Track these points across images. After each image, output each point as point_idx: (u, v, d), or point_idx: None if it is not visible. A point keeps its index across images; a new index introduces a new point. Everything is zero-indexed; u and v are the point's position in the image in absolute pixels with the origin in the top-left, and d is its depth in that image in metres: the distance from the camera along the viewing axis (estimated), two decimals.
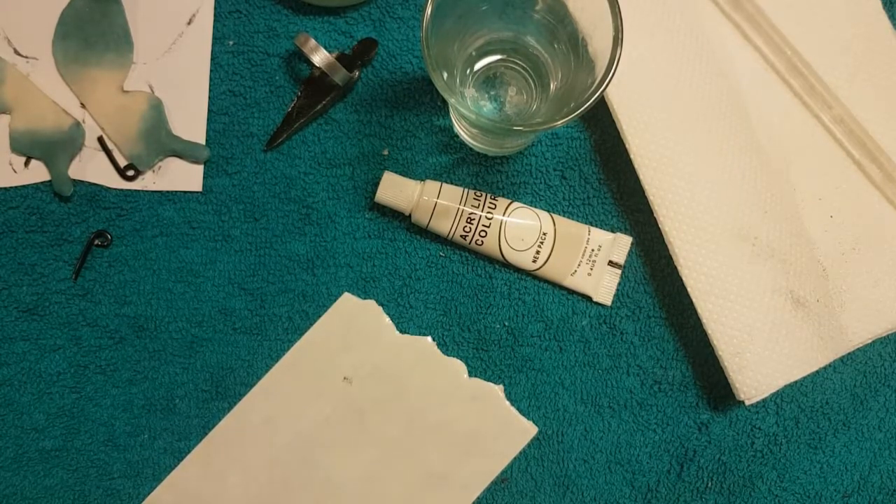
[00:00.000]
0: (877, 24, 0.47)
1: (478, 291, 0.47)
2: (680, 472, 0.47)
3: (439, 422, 0.46)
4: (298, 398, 0.46)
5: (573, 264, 0.46)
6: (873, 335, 0.45)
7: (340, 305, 0.46)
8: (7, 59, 0.47)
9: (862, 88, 0.46)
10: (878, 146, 0.45)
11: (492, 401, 0.46)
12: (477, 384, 0.46)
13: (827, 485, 0.47)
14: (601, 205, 0.47)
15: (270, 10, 0.47)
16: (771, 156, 0.45)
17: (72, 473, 0.46)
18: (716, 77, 0.44)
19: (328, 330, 0.46)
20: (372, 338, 0.46)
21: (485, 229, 0.45)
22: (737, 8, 0.46)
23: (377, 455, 0.46)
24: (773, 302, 0.43)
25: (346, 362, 0.46)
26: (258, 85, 0.47)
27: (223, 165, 0.47)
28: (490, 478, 0.46)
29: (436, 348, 0.46)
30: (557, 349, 0.47)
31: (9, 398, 0.46)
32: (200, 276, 0.47)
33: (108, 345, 0.46)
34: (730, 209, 0.43)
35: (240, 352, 0.47)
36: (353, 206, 0.47)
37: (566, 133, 0.47)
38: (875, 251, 0.46)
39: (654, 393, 0.47)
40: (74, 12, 0.46)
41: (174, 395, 0.47)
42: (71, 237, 0.47)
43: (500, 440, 0.46)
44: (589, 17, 0.36)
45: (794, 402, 0.47)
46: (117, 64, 0.47)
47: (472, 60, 0.43)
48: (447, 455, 0.46)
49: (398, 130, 0.47)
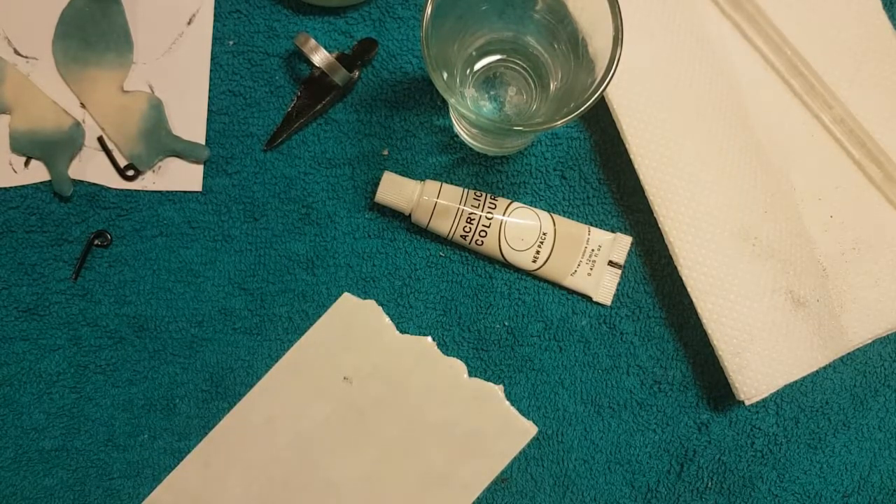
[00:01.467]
0: (877, 24, 0.47)
1: (478, 291, 0.47)
2: (680, 472, 0.47)
3: (439, 422, 0.46)
4: (298, 398, 0.46)
5: (573, 264, 0.46)
6: (873, 335, 0.45)
7: (340, 305, 0.46)
8: (7, 59, 0.47)
9: (862, 88, 0.46)
10: (878, 146, 0.45)
11: (492, 401, 0.46)
12: (477, 384, 0.46)
13: (827, 485, 0.47)
14: (601, 205, 0.47)
15: (270, 10, 0.47)
16: (771, 156, 0.45)
17: (72, 473, 0.46)
18: (716, 77, 0.44)
19: (328, 330, 0.46)
20: (372, 338, 0.46)
21: (485, 229, 0.45)
22: (737, 8, 0.46)
23: (377, 455, 0.46)
24: (773, 302, 0.43)
25: (346, 362, 0.46)
26: (258, 85, 0.47)
27: (223, 165, 0.47)
28: (490, 478, 0.46)
29: (436, 348, 0.46)
30: (557, 349, 0.47)
31: (9, 398, 0.46)
32: (200, 276, 0.47)
33: (108, 345, 0.46)
34: (730, 209, 0.43)
35: (240, 352, 0.47)
36: (353, 206, 0.47)
37: (566, 133, 0.47)
38: (875, 251, 0.46)
39: (654, 393, 0.47)
40: (74, 12, 0.46)
41: (174, 395, 0.47)
42: (71, 237, 0.47)
43: (500, 440, 0.46)
44: (589, 17, 0.36)
45: (794, 402, 0.47)
46: (117, 64, 0.47)
47: (472, 60, 0.43)
48: (447, 455, 0.46)
49: (398, 130, 0.47)
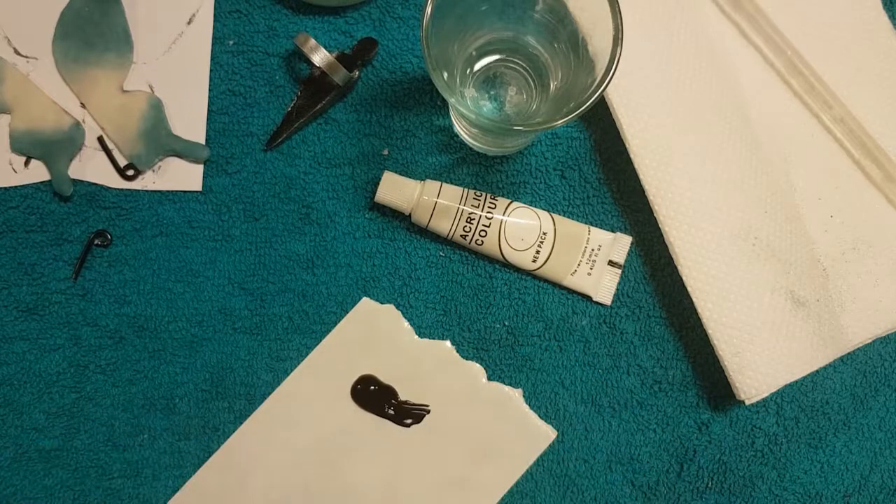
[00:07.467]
0: (877, 24, 0.47)
1: (478, 291, 0.47)
2: (680, 471, 0.47)
3: (458, 425, 0.45)
4: (318, 403, 0.46)
5: (573, 264, 0.46)
6: (873, 335, 0.45)
7: (360, 309, 0.46)
8: (7, 59, 0.47)
9: (862, 88, 0.46)
10: (878, 146, 0.45)
11: (510, 404, 0.46)
12: (495, 388, 0.46)
13: (827, 484, 0.47)
14: (601, 205, 0.47)
15: (270, 10, 0.47)
16: (771, 156, 0.45)
17: (72, 473, 0.46)
18: (716, 77, 0.44)
19: (347, 334, 0.46)
20: (391, 342, 0.46)
21: (485, 229, 0.45)
22: (737, 8, 0.46)
23: (397, 459, 0.45)
24: (773, 302, 0.43)
25: (365, 366, 0.46)
26: (258, 85, 0.47)
27: (223, 165, 0.47)
28: (510, 482, 0.45)
29: (455, 352, 0.46)
30: (557, 349, 0.47)
31: (9, 398, 0.46)
32: (200, 276, 0.47)
33: (108, 344, 0.46)
34: (730, 209, 0.43)
35: (240, 352, 0.47)
36: (353, 206, 0.47)
37: (566, 133, 0.47)
38: (875, 251, 0.46)
39: (654, 393, 0.47)
40: (74, 12, 0.46)
41: (174, 395, 0.47)
42: (71, 237, 0.47)
43: (520, 444, 0.46)
44: (589, 17, 0.36)
45: (794, 401, 0.47)
46: (117, 64, 0.47)
47: (472, 60, 0.43)
48: (467, 459, 0.45)
49: (398, 130, 0.47)
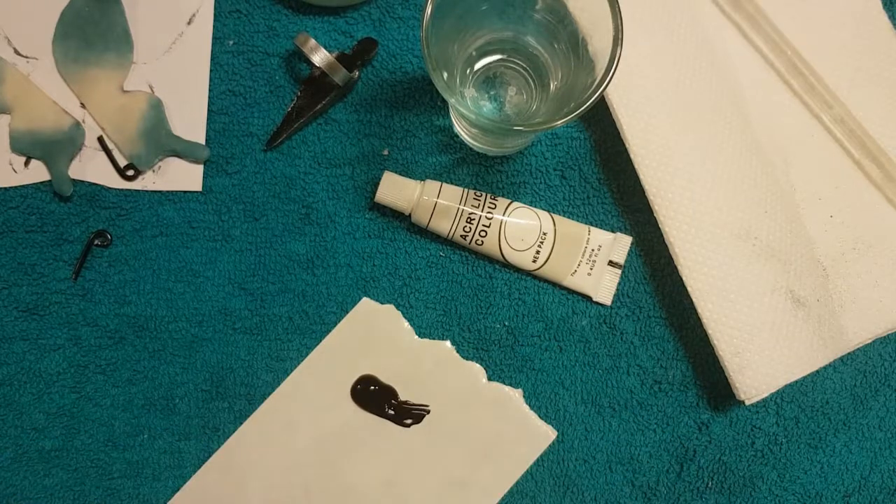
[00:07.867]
0: (877, 24, 0.47)
1: (478, 291, 0.47)
2: (680, 471, 0.47)
3: (459, 426, 0.45)
4: (318, 403, 0.46)
5: (573, 264, 0.46)
6: (873, 335, 0.45)
7: (360, 310, 0.46)
8: (7, 59, 0.47)
9: (862, 88, 0.46)
10: (878, 146, 0.45)
11: (510, 404, 0.46)
12: (496, 388, 0.46)
13: (827, 484, 0.47)
14: (601, 205, 0.47)
15: (270, 10, 0.47)
16: (771, 156, 0.45)
17: (72, 473, 0.46)
18: (716, 77, 0.44)
19: (347, 334, 0.46)
20: (391, 342, 0.46)
21: (485, 229, 0.45)
22: (737, 8, 0.46)
23: (397, 459, 0.45)
24: (773, 302, 0.43)
25: (365, 366, 0.46)
26: (258, 85, 0.47)
27: (223, 165, 0.47)
28: (510, 482, 0.45)
29: (455, 352, 0.46)
30: (557, 349, 0.47)
31: (9, 398, 0.46)
32: (200, 276, 0.47)
33: (108, 345, 0.46)
34: (730, 209, 0.43)
35: (240, 352, 0.47)
36: (353, 206, 0.47)
37: (566, 133, 0.47)
38: (875, 251, 0.46)
39: (654, 393, 0.47)
40: (74, 12, 0.46)
41: (174, 395, 0.47)
42: (71, 237, 0.47)
43: (520, 444, 0.46)
44: (589, 17, 0.36)
45: (794, 402, 0.47)
46: (117, 64, 0.47)
47: (472, 60, 0.43)
48: (467, 459, 0.45)
49: (398, 130, 0.47)
